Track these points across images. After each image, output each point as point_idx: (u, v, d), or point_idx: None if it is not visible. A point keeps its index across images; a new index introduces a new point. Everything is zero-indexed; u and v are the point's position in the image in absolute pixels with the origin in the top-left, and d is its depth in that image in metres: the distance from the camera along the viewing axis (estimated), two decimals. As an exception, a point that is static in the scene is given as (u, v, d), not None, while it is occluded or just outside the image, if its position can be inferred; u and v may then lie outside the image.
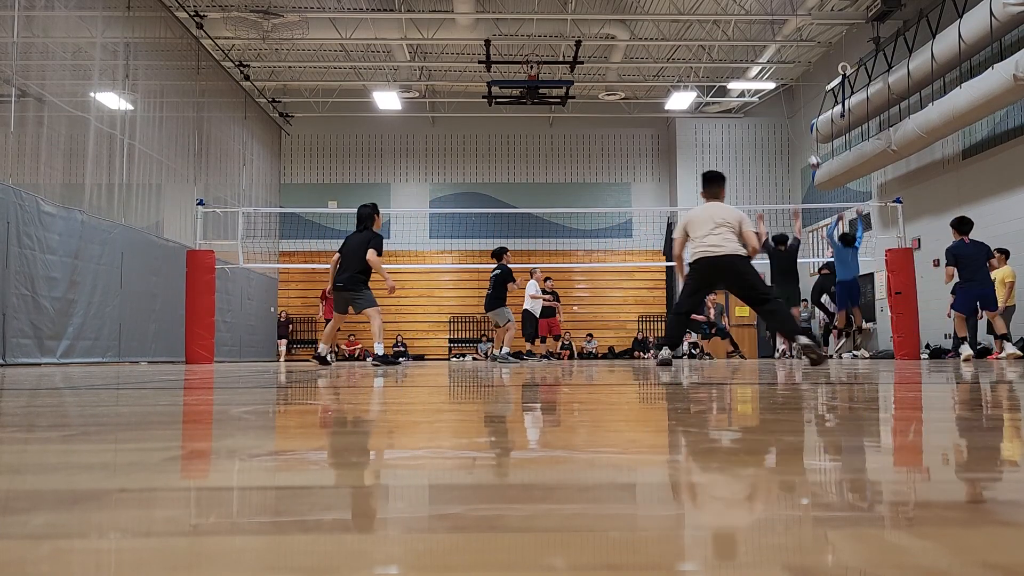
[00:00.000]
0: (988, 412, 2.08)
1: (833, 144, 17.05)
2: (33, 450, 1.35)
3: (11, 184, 9.48)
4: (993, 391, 3.04)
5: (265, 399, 2.88)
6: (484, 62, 16.58)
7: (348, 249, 8.46)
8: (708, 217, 6.88)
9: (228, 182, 17.75)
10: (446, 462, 1.16)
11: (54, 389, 3.55)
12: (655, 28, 18.13)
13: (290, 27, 16.54)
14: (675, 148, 22.05)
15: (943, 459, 1.24)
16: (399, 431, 1.70)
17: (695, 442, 1.39)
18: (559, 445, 1.36)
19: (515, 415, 2.14)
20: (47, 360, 10.06)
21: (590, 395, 2.95)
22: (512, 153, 22.67)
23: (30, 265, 9.71)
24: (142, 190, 13.51)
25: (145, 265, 12.95)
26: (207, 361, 12.24)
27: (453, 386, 3.85)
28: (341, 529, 0.73)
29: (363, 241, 8.37)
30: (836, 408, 2.26)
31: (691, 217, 7.07)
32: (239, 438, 1.48)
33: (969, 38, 12.34)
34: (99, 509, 0.81)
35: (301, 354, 21.58)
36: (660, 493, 0.94)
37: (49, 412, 2.23)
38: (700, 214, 6.98)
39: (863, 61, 16.02)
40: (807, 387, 3.33)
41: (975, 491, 0.92)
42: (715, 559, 0.64)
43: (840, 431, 1.66)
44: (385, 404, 2.60)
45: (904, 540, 0.68)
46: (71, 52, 12.12)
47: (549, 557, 0.62)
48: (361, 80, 20.81)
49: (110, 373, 6.33)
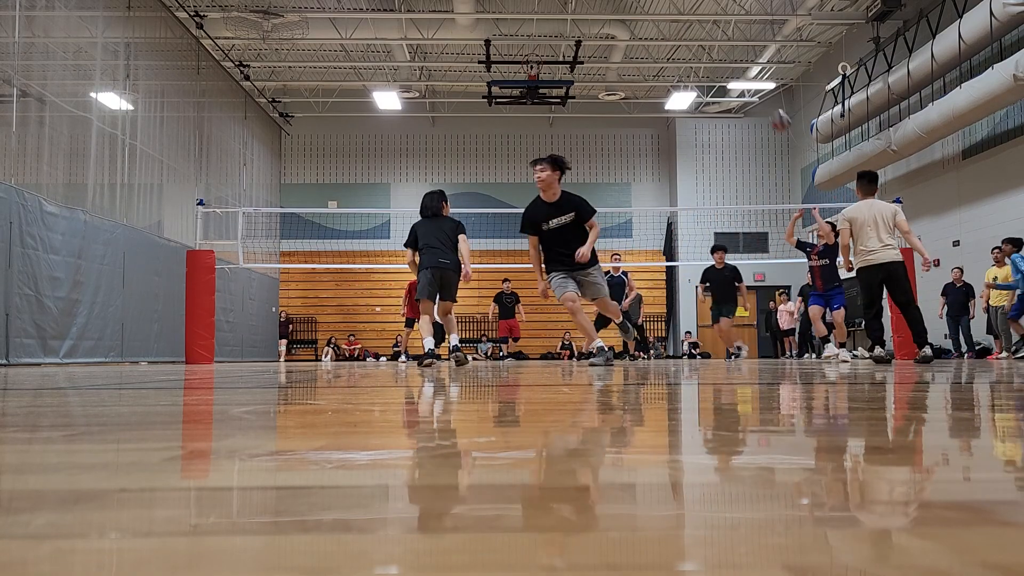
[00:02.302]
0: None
1: (833, 144, 17.05)
2: (35, 450, 1.35)
3: (14, 184, 9.49)
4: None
5: (265, 399, 2.88)
6: (484, 62, 16.59)
7: (432, 237, 7.84)
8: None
9: (228, 182, 17.76)
10: (445, 461, 1.16)
11: (57, 389, 3.56)
12: (655, 28, 18.13)
13: (290, 27, 16.55)
14: (675, 148, 22.05)
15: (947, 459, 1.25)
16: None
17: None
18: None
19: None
20: (50, 360, 10.07)
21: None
22: (512, 153, 22.67)
23: (33, 265, 9.72)
24: (143, 190, 13.52)
25: (147, 265, 12.96)
26: (207, 361, 12.25)
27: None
28: (341, 529, 0.73)
29: (451, 228, 7.91)
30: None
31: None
32: (239, 438, 1.48)
33: (969, 38, 12.34)
34: (100, 509, 0.81)
35: (301, 354, 21.59)
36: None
37: (51, 412, 2.23)
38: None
39: (863, 61, 16.02)
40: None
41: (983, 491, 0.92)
42: (713, 558, 0.64)
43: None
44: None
45: (905, 540, 0.68)
46: (72, 52, 12.13)
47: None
48: (361, 80, 20.82)
49: (112, 373, 6.33)
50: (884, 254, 7.51)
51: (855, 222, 7.62)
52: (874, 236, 7.52)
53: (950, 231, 14.64)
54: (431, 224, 8.01)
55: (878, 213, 7.56)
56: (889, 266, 7.50)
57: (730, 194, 21.51)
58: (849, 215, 7.70)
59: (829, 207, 18.21)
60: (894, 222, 7.53)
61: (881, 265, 7.50)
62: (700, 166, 21.90)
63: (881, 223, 7.50)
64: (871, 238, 7.53)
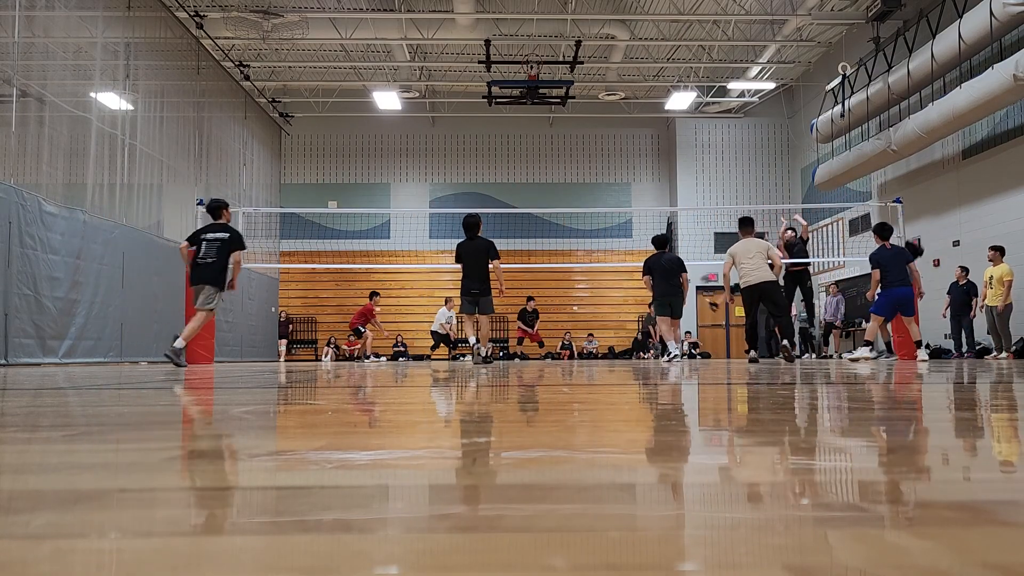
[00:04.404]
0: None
1: (833, 144, 17.05)
2: (35, 450, 1.35)
3: (13, 184, 9.49)
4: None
5: (265, 399, 2.88)
6: (484, 62, 16.58)
7: (469, 257, 9.52)
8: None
9: (228, 182, 17.75)
10: (446, 462, 1.16)
11: (56, 389, 3.56)
12: (655, 28, 18.13)
13: (290, 27, 16.54)
14: (675, 148, 22.05)
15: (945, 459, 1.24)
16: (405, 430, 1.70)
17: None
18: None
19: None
20: (49, 360, 10.07)
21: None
22: (512, 153, 22.67)
23: (32, 265, 9.71)
24: (143, 190, 13.52)
25: (146, 265, 12.96)
26: (207, 361, 12.23)
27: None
28: (341, 529, 0.73)
29: (483, 249, 9.46)
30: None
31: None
32: (239, 438, 1.48)
33: (969, 38, 12.34)
34: (100, 509, 0.81)
35: (301, 354, 21.59)
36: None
37: (51, 412, 2.23)
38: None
39: (863, 61, 16.01)
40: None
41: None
42: (711, 557, 0.64)
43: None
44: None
45: (903, 540, 0.68)
46: (72, 52, 12.12)
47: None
48: (361, 80, 20.82)
49: (111, 373, 6.33)
50: (758, 275, 9.65)
51: (736, 255, 9.81)
52: (748, 263, 9.70)
53: (950, 231, 14.64)
54: (468, 246, 9.63)
55: (754, 247, 9.81)
56: (763, 285, 9.67)
57: (730, 194, 21.50)
58: (731, 251, 9.92)
59: (829, 207, 18.27)
60: (767, 255, 9.77)
61: (756, 285, 9.67)
62: (700, 166, 21.89)
63: (756, 254, 9.71)
64: (744, 265, 9.73)
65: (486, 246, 9.48)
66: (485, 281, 9.52)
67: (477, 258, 9.47)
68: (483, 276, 9.48)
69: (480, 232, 9.75)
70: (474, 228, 9.61)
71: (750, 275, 9.72)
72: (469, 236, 9.61)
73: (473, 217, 9.71)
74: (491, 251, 9.44)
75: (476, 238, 9.58)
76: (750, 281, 9.74)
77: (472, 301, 9.61)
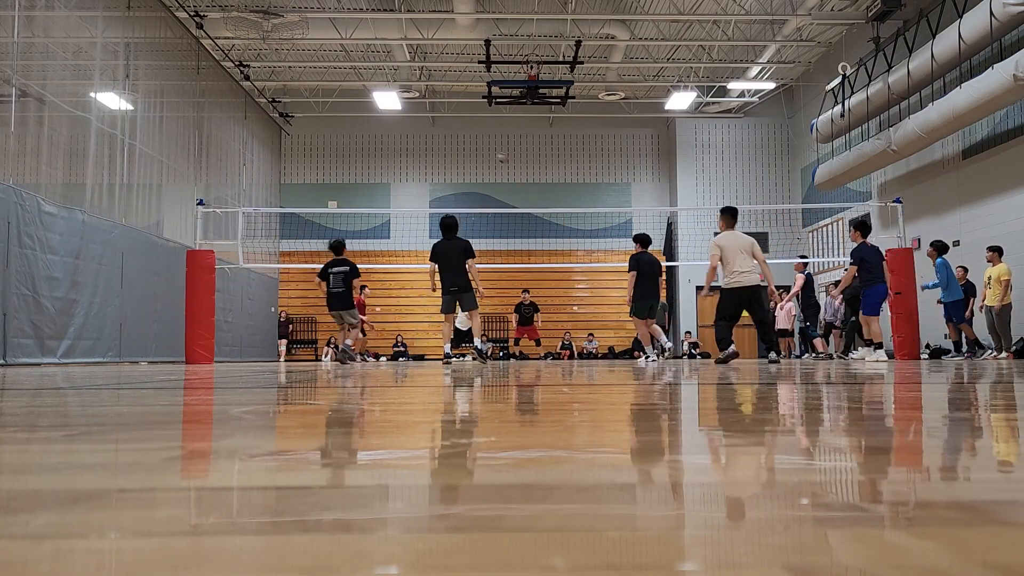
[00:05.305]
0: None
1: (833, 144, 17.05)
2: (34, 450, 1.35)
3: (12, 184, 9.48)
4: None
5: (265, 399, 2.88)
6: (484, 62, 16.58)
7: (447, 257, 9.65)
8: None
9: (228, 182, 17.75)
10: (446, 461, 1.16)
11: (55, 389, 3.56)
12: (655, 28, 18.13)
13: (290, 27, 16.54)
14: (675, 148, 22.05)
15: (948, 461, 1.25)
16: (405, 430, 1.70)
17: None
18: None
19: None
20: (48, 360, 10.06)
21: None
22: (512, 153, 22.67)
23: (31, 265, 9.71)
24: (142, 190, 13.51)
25: (146, 265, 12.95)
26: (207, 361, 12.24)
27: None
28: (341, 529, 0.73)
29: (461, 249, 9.62)
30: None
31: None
32: (239, 438, 1.48)
33: (969, 38, 12.34)
34: (100, 509, 0.81)
35: (301, 354, 21.58)
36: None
37: (50, 412, 2.23)
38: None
39: (863, 61, 16.01)
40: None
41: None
42: (712, 556, 0.64)
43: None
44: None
45: (903, 540, 0.68)
46: (71, 52, 12.12)
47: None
48: (361, 80, 20.81)
49: (111, 373, 6.33)
50: (749, 278, 9.22)
51: (724, 249, 9.26)
52: (739, 263, 9.18)
53: (950, 231, 14.63)
54: (446, 246, 9.70)
55: (742, 244, 9.26)
56: (752, 289, 9.23)
57: (730, 194, 21.48)
58: (718, 242, 9.36)
59: (829, 207, 18.27)
60: (752, 252, 9.22)
61: (745, 288, 9.21)
62: (700, 166, 21.89)
63: (745, 253, 9.20)
64: (733, 264, 9.20)
65: (464, 246, 9.68)
66: (464, 278, 9.72)
67: (456, 258, 9.66)
68: (463, 273, 9.68)
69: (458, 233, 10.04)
70: (453, 228, 9.79)
71: (740, 277, 9.24)
72: (447, 236, 9.76)
73: (451, 219, 9.91)
74: (468, 251, 9.66)
75: (454, 239, 9.77)
76: (740, 283, 9.25)
77: (452, 299, 9.77)
